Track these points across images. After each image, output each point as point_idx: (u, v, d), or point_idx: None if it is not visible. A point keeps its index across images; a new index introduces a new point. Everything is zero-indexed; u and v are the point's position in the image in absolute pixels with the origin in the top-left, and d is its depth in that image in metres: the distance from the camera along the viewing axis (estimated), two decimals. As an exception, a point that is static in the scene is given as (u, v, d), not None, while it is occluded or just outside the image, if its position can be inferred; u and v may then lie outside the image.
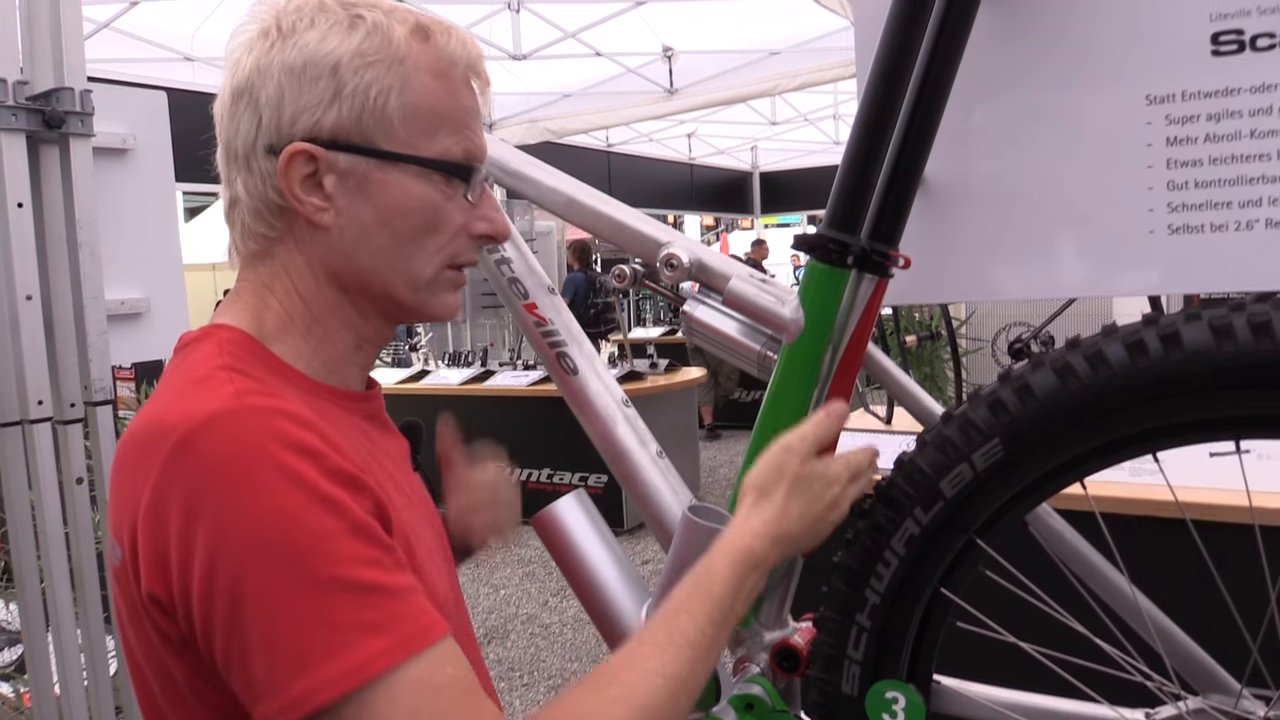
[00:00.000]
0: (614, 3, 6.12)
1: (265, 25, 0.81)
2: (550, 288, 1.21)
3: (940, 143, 1.02)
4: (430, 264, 0.84)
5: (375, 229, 0.81)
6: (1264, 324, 0.81)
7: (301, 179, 0.80)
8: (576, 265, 8.69)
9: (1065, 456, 0.92)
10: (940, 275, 1.11)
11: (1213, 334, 0.83)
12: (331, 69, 0.79)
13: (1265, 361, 0.82)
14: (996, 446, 0.92)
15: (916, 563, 0.98)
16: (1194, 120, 1.00)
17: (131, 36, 5.63)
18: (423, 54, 0.82)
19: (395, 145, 0.81)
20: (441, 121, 0.82)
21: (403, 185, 0.81)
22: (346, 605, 0.67)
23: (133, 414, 3.06)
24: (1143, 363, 0.86)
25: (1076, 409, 0.89)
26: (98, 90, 1.94)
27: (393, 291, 0.84)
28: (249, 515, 0.67)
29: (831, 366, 1.03)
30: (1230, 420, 0.87)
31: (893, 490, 0.98)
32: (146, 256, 2.23)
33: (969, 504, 0.95)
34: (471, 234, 0.86)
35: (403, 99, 0.80)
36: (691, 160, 11.84)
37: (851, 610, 1.01)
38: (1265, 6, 0.97)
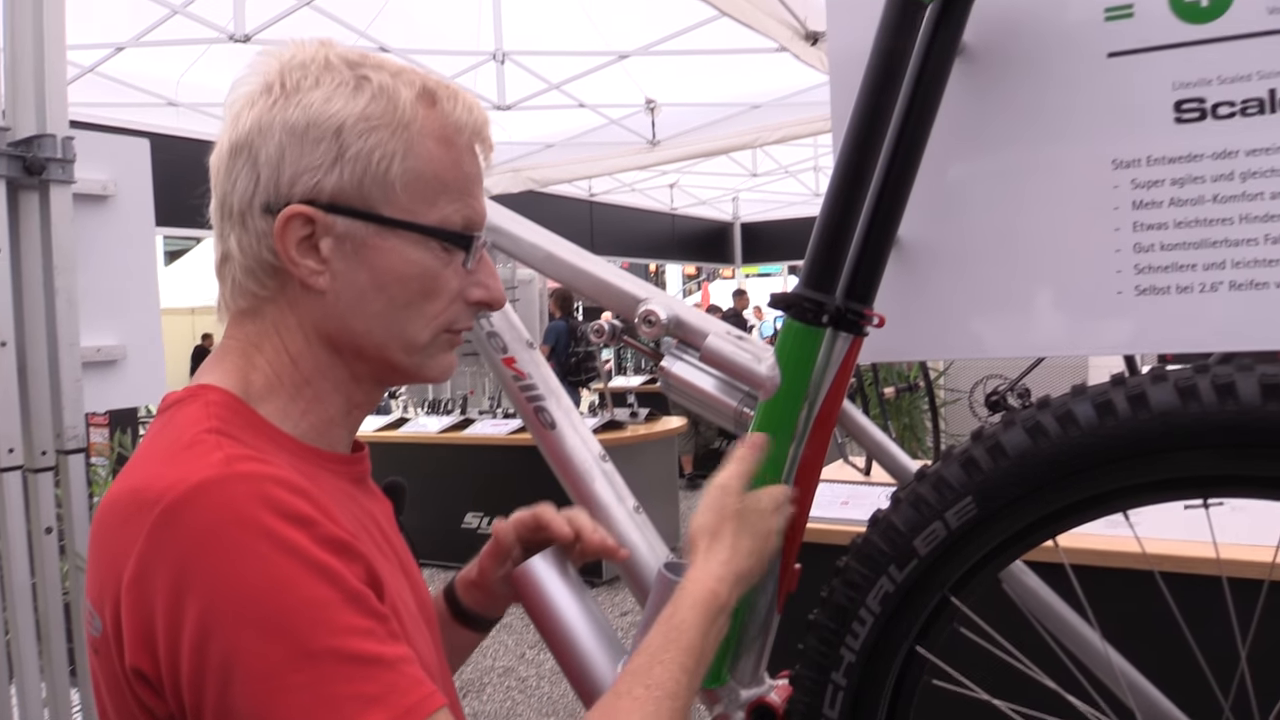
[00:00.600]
0: (598, 56, 6.21)
1: (269, 80, 0.80)
2: (529, 342, 1.21)
3: (914, 203, 1.04)
4: (426, 330, 0.83)
5: (371, 294, 0.80)
6: (1228, 385, 0.83)
7: (298, 241, 0.78)
8: (558, 313, 8.70)
9: (1037, 514, 0.93)
10: (914, 333, 1.12)
11: (1179, 395, 0.85)
12: (335, 131, 0.77)
13: (1229, 423, 0.83)
14: (969, 505, 0.93)
15: (891, 621, 0.98)
16: (1159, 184, 1.02)
17: (116, 81, 5.65)
18: (429, 119, 0.80)
19: (396, 211, 0.79)
20: (444, 189, 0.81)
21: (401, 252, 0.80)
22: (343, 678, 0.66)
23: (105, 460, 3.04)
24: (1111, 423, 0.87)
25: (1047, 468, 0.90)
26: (80, 136, 1.95)
27: (387, 355, 0.83)
28: (240, 586, 0.66)
29: (807, 423, 1.04)
30: (1197, 480, 0.88)
31: (868, 548, 0.98)
32: (124, 303, 2.22)
33: (943, 562, 0.96)
34: (467, 300, 0.86)
35: (406, 165, 0.79)
36: (673, 210, 11.93)
37: (827, 668, 1.00)
38: (1225, 76, 1.00)
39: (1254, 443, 0.83)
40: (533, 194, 7.79)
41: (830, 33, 1.19)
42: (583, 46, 6.08)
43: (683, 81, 6.68)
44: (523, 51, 6.09)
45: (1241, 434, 0.83)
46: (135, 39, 5.20)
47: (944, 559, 0.95)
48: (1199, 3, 1.01)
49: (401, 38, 5.64)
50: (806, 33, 4.78)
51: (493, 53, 6.03)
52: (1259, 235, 0.99)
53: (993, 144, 1.09)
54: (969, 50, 1.08)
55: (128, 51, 5.37)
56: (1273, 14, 0.98)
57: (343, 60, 0.80)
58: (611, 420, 6.20)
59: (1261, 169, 0.99)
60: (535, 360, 1.21)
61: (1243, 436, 0.83)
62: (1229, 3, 1.00)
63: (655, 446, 6.31)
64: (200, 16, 4.95)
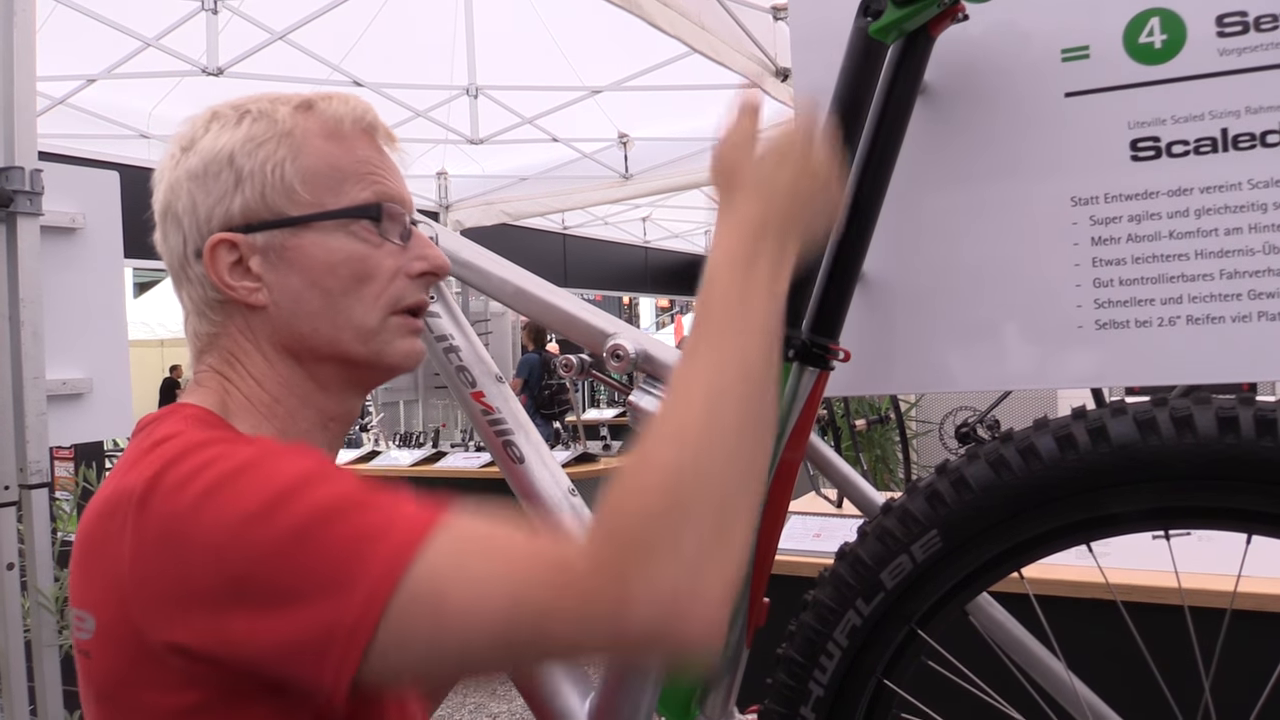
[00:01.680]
0: (570, 91, 6.25)
1: (172, 149, 0.86)
2: (498, 376, 1.21)
3: (879, 238, 1.06)
4: (372, 312, 0.85)
5: (307, 293, 0.83)
6: (1185, 418, 0.84)
7: (229, 267, 0.83)
8: (531, 346, 8.70)
9: (1002, 546, 0.94)
10: (879, 368, 1.13)
11: (1138, 428, 0.86)
12: (228, 160, 0.83)
13: (1188, 454, 0.84)
14: (935, 538, 0.94)
15: (859, 654, 0.98)
16: (1117, 221, 1.04)
17: (87, 113, 5.62)
18: (309, 121, 0.85)
19: (303, 209, 0.83)
20: (344, 175, 0.85)
21: (321, 243, 0.83)
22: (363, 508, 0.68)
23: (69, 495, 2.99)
24: (1072, 456, 0.88)
25: (1011, 500, 0.91)
26: (49, 169, 1.94)
27: (343, 349, 0.85)
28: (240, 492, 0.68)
29: (774, 458, 1.04)
30: (1158, 511, 0.90)
31: (835, 581, 0.99)
32: (91, 336, 2.20)
33: (910, 595, 0.96)
34: (410, 274, 0.87)
35: (298, 164, 0.83)
36: (646, 243, 11.98)
37: (796, 703, 1.00)
38: (1179, 115, 1.03)
39: (1212, 475, 0.84)
40: (506, 227, 7.80)
41: (795, 71, 1.21)
42: (556, 81, 6.12)
43: (655, 116, 6.73)
44: (496, 86, 6.13)
45: (1201, 466, 0.84)
46: (107, 71, 5.19)
47: (910, 592, 0.96)
48: (1153, 44, 1.04)
49: (375, 72, 5.65)
50: (777, 69, 4.85)
51: (466, 87, 6.06)
52: (1214, 270, 1.01)
53: (955, 181, 1.11)
54: (931, 89, 1.11)
55: (100, 84, 5.35)
56: (1224, 55, 1.01)
57: (228, 106, 0.87)
58: (584, 453, 6.18)
59: (1215, 206, 1.02)
60: (504, 394, 1.21)
61: (1203, 469, 0.84)
62: (1181, 44, 1.03)
63: (628, 479, 6.27)
64: (173, 50, 4.94)
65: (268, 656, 0.67)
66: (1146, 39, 1.04)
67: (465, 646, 0.66)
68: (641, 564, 0.64)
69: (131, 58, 5.07)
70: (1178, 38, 1.03)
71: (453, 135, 6.42)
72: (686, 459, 0.68)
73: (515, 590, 0.65)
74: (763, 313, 0.77)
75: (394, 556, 0.66)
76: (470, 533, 0.69)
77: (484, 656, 0.68)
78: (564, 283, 9.75)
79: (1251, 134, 1.00)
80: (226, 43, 4.80)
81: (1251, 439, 0.82)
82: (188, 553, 0.68)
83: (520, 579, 0.66)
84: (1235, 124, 1.01)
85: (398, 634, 0.65)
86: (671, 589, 0.63)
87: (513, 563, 0.67)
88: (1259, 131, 1.00)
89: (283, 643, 0.66)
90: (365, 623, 0.65)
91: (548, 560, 0.67)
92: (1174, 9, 1.03)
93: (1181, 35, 1.03)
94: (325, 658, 0.65)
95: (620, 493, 0.68)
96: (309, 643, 0.66)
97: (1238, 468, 0.83)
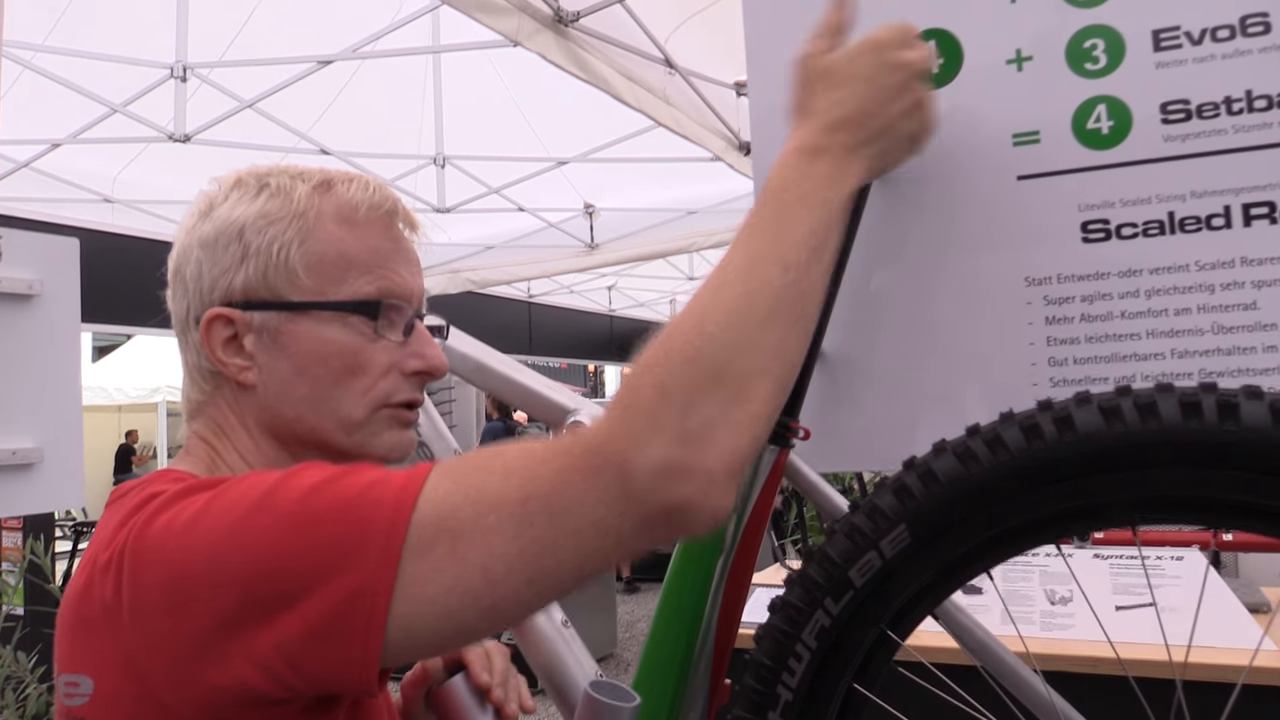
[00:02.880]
0: (537, 162, 6.33)
1: (193, 209, 0.86)
2: (456, 451, 1.20)
3: (837, 318, 1.07)
4: (359, 406, 0.83)
5: (294, 380, 0.82)
6: (1149, 404, 0.83)
7: (223, 342, 0.82)
8: (495, 415, 8.65)
9: (972, 542, 0.92)
10: (839, 445, 1.13)
11: (1102, 416, 0.85)
12: (238, 233, 0.82)
13: (1153, 440, 0.83)
14: (904, 533, 0.91)
15: (829, 657, 0.94)
16: (1070, 301, 1.06)
17: (51, 177, 5.60)
18: (324, 204, 0.84)
19: (303, 295, 0.82)
20: (350, 265, 0.83)
21: (316, 332, 0.82)
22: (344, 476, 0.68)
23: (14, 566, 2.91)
24: (1038, 445, 0.87)
25: (978, 492, 0.89)
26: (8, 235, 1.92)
27: (326, 439, 0.83)
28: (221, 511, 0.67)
29: (736, 535, 1.04)
30: (1128, 504, 0.88)
31: (803, 581, 0.96)
32: (44, 405, 2.16)
33: (879, 594, 0.93)
34: (404, 372, 0.85)
35: (305, 249, 0.82)
36: (612, 311, 12.04)
37: (764, 708, 0.96)
38: (1127, 199, 1.05)
39: (1180, 461, 0.83)
40: (472, 295, 7.81)
41: (755, 147, 1.23)
42: (522, 152, 6.19)
43: (620, 187, 6.82)
44: (463, 156, 6.19)
45: (1166, 453, 0.83)
46: (72, 136, 5.18)
47: (880, 591, 0.93)
48: (1100, 129, 1.07)
49: (343, 141, 5.69)
50: (740, 143, 4.94)
51: (433, 157, 6.11)
52: (1165, 350, 1.03)
53: (911, 261, 1.12)
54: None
55: (65, 148, 5.34)
56: (1169, 141, 1.05)
57: (252, 174, 0.86)
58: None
59: (1164, 286, 1.04)
60: (463, 469, 1.20)
61: (1167, 456, 0.83)
62: (1128, 130, 1.06)
63: (592, 549, 6.21)
64: (140, 116, 4.95)
65: (300, 657, 0.64)
66: (1094, 124, 1.07)
67: (487, 567, 0.64)
68: (646, 431, 0.64)
69: (98, 123, 5.07)
70: (1124, 124, 1.06)
71: (420, 204, 6.45)
72: (703, 337, 0.68)
73: (522, 486, 0.65)
74: (816, 206, 0.77)
75: (396, 503, 0.65)
76: (461, 460, 0.69)
77: (508, 578, 0.65)
78: (529, 350, 9.75)
79: (1197, 217, 1.03)
80: (195, 109, 4.82)
81: (1214, 424, 0.81)
82: (189, 590, 0.66)
83: (524, 474, 0.66)
84: (1181, 207, 1.04)
85: (420, 577, 0.63)
86: (672, 455, 0.64)
87: (511, 464, 0.67)
88: (1204, 215, 1.03)
89: (310, 633, 0.64)
90: (385, 574, 0.63)
91: (544, 451, 0.67)
92: (1119, 96, 1.06)
93: (1128, 121, 1.06)
94: (352, 627, 0.63)
95: (636, 365, 0.68)
96: (335, 620, 0.64)
97: (1201, 453, 0.82)
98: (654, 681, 1.03)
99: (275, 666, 0.65)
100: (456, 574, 0.64)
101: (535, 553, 0.65)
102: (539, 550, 0.65)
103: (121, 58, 4.58)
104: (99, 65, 4.63)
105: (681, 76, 4.44)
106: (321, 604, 0.63)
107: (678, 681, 1.03)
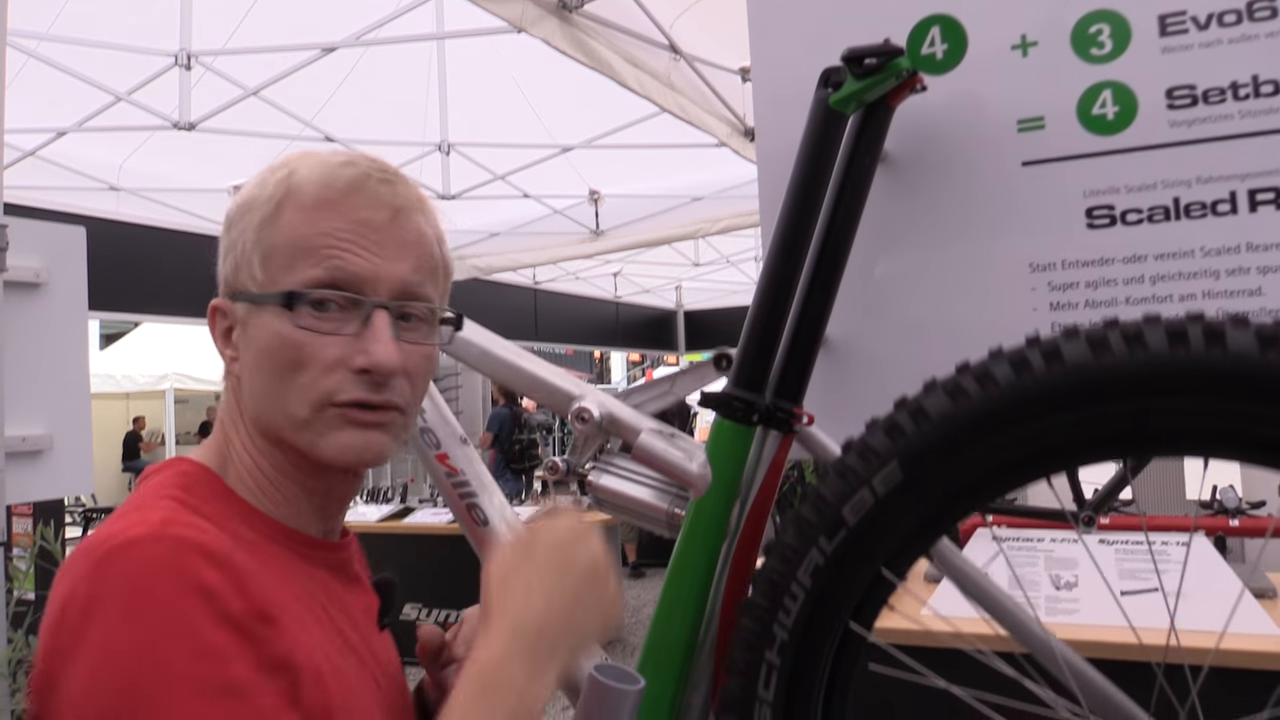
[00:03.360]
0: (542, 149, 6.31)
1: None
2: (462, 438, 1.20)
3: (841, 303, 1.07)
4: (301, 403, 0.79)
5: (252, 373, 0.82)
6: (1136, 335, 0.83)
7: (221, 333, 0.84)
8: (502, 400, 8.66)
9: (963, 479, 0.91)
10: (842, 430, 1.13)
11: (1090, 348, 0.84)
12: (228, 225, 0.84)
13: (1141, 370, 0.82)
14: (895, 469, 0.91)
15: (823, 596, 0.94)
16: (1074, 286, 1.06)
17: (57, 165, 5.60)
18: (289, 189, 0.81)
19: (258, 286, 0.80)
20: (299, 252, 0.79)
21: (266, 325, 0.80)
22: None
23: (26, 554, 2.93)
24: (1028, 379, 0.86)
25: (969, 427, 0.89)
26: (14, 224, 1.93)
27: (282, 435, 0.81)
28: (126, 651, 0.66)
29: (740, 520, 1.04)
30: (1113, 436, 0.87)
31: (797, 522, 0.96)
32: (52, 392, 2.17)
33: (873, 531, 0.93)
34: (350, 368, 0.79)
35: (262, 239, 0.80)
36: (617, 298, 12.02)
37: (761, 648, 0.95)
38: (1132, 185, 1.05)
39: (1169, 390, 0.82)
40: (477, 281, 7.81)
41: (759, 132, 1.23)
42: (527, 139, 6.18)
43: (625, 173, 6.80)
44: (468, 143, 6.18)
45: (1155, 382, 0.82)
46: (78, 124, 5.18)
47: (873, 528, 0.93)
48: (1105, 116, 1.06)
49: (347, 128, 5.68)
50: (745, 129, 4.93)
51: (438, 144, 6.10)
52: (1169, 336, 1.02)
53: (916, 247, 1.12)
54: (891, 157, 1.13)
55: (70, 136, 5.34)
56: (1174, 127, 1.04)
57: (278, 161, 0.85)
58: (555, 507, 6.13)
59: (1169, 272, 1.04)
60: (469, 456, 1.20)
61: (1155, 385, 0.82)
62: (1133, 116, 1.06)
63: (598, 534, 6.24)
64: (145, 104, 4.95)
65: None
66: (1099, 110, 1.07)
67: None
68: None
69: (102, 111, 5.07)
70: (1129, 110, 1.06)
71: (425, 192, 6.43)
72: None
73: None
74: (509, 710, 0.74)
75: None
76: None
77: None
78: (535, 337, 9.75)
79: (1203, 203, 1.03)
80: (199, 98, 4.81)
81: (1201, 351, 0.80)
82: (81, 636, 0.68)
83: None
84: (1186, 193, 1.04)
85: None
86: None
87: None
88: (1209, 200, 1.03)
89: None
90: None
91: None
92: (1125, 82, 1.06)
93: (1133, 107, 1.05)
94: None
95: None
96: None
97: (1188, 381, 0.81)
98: (659, 665, 1.04)
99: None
100: None
101: None
102: None
103: (126, 46, 4.57)
104: (104, 54, 4.63)
105: (686, 62, 4.43)
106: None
107: (682, 665, 1.04)
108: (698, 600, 1.04)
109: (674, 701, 1.04)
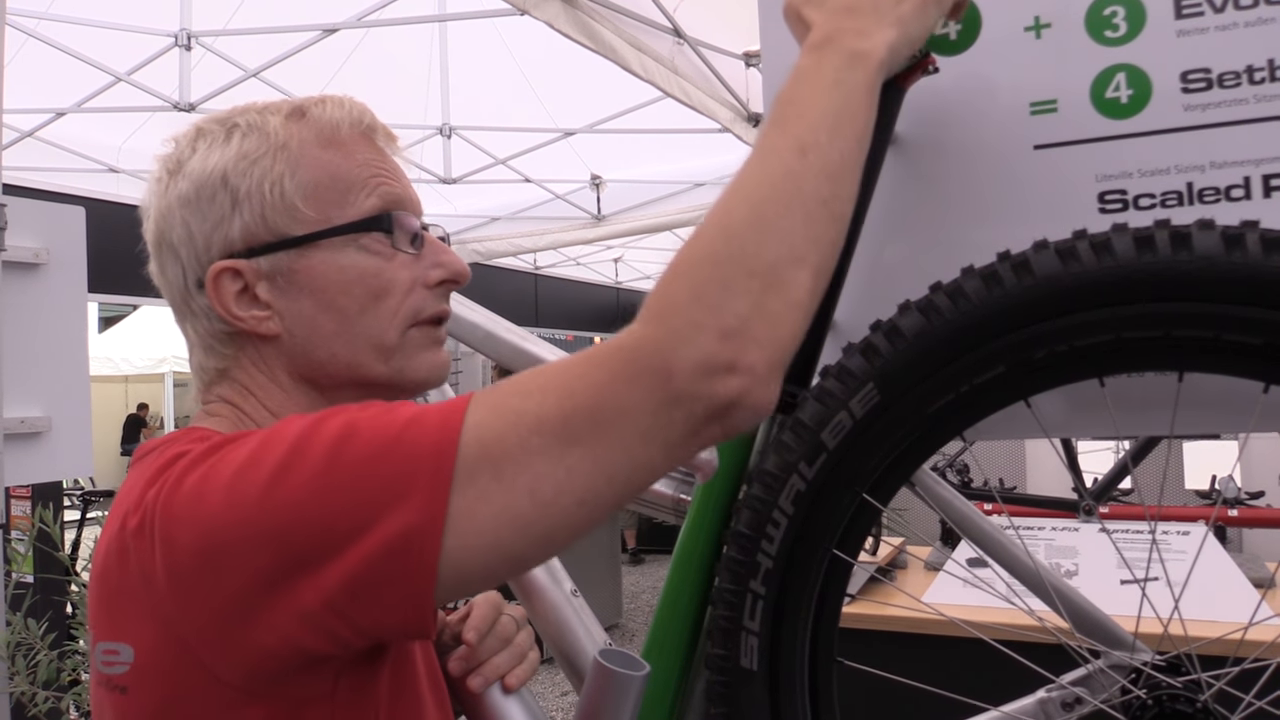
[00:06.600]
0: (544, 133, 6.29)
1: (158, 173, 0.82)
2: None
3: (850, 287, 1.06)
4: (391, 328, 0.81)
5: (319, 316, 0.79)
6: (1104, 243, 0.83)
7: (235, 296, 0.79)
8: (501, 385, 8.65)
9: (942, 400, 0.91)
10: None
11: (1059, 258, 0.85)
12: (221, 181, 0.79)
13: (1109, 279, 0.83)
14: (872, 391, 0.90)
15: (806, 522, 0.93)
16: (1086, 273, 1.05)
17: (56, 146, 5.58)
18: (303, 131, 0.81)
19: (308, 226, 0.79)
20: (348, 185, 0.80)
21: (331, 262, 0.79)
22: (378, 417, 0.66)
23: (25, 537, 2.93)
24: (998, 292, 0.86)
25: (943, 344, 0.88)
26: (13, 203, 1.92)
27: (364, 373, 0.81)
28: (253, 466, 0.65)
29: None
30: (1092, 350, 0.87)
31: (777, 448, 0.95)
32: (51, 374, 2.16)
33: (853, 454, 0.92)
34: (427, 285, 0.83)
35: (298, 179, 0.79)
36: (618, 284, 12.02)
37: (745, 577, 0.95)
38: (1145, 169, 1.04)
39: (1140, 297, 0.82)
40: (477, 266, 7.80)
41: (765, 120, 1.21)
42: (529, 123, 6.16)
43: (627, 158, 6.79)
44: (469, 127, 6.16)
45: (1122, 290, 0.82)
46: (77, 105, 5.16)
47: (853, 452, 0.92)
48: (1119, 99, 1.05)
49: (348, 110, 5.66)
50: (748, 114, 4.91)
51: (439, 127, 6.08)
52: (1184, 323, 1.01)
53: (927, 231, 1.11)
54: (902, 140, 1.11)
55: (69, 117, 5.32)
56: (1189, 110, 1.03)
57: (213, 121, 0.82)
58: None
59: (1182, 259, 1.02)
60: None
61: (1124, 293, 0.82)
62: (1147, 100, 1.04)
63: (597, 521, 6.25)
64: (144, 85, 4.92)
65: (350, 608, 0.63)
66: (1113, 93, 1.05)
67: (535, 490, 0.63)
68: (684, 331, 0.63)
69: (102, 92, 5.05)
70: (1143, 93, 1.04)
71: (425, 175, 6.43)
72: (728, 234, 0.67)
73: (562, 404, 0.63)
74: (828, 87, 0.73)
75: (439, 439, 0.63)
76: (496, 387, 0.67)
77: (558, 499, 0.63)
78: (535, 322, 9.75)
79: (1217, 188, 1.02)
80: (199, 79, 4.79)
81: (1167, 256, 0.80)
82: (225, 552, 0.63)
83: (562, 391, 0.64)
84: (1200, 178, 1.02)
85: (467, 510, 0.62)
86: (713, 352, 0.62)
87: (548, 383, 0.65)
88: (1224, 186, 1.02)
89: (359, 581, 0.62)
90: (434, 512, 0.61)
91: (580, 365, 0.65)
92: (1139, 64, 1.04)
93: (1147, 90, 1.04)
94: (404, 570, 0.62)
95: (666, 271, 0.67)
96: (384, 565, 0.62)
97: (1159, 288, 0.81)
98: (664, 650, 1.03)
99: (325, 621, 0.63)
100: (504, 502, 0.63)
101: (583, 471, 0.63)
102: (587, 468, 0.63)
103: (126, 26, 4.55)
104: (103, 34, 4.61)
105: (690, 47, 4.40)
106: (369, 550, 0.62)
107: (687, 650, 1.03)
108: (703, 585, 1.03)
109: (679, 687, 1.03)
